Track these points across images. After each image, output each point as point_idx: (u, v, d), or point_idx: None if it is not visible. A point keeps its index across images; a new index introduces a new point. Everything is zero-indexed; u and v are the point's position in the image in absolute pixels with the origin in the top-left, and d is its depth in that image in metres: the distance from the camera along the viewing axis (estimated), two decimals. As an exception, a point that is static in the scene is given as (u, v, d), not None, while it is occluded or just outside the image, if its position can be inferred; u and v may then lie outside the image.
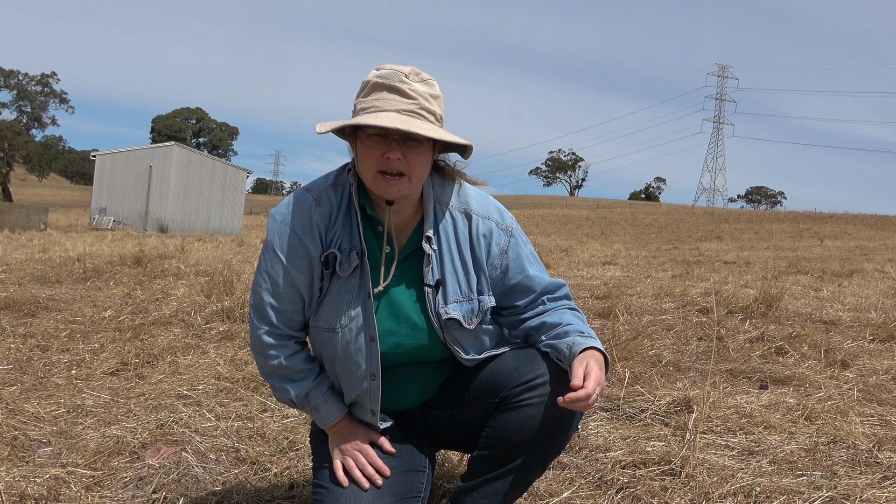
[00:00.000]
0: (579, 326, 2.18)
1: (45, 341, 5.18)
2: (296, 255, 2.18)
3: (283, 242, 2.20)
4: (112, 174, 37.66)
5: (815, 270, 13.46)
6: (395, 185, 2.08)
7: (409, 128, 1.98)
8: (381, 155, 2.05)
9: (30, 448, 3.13)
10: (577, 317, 2.24)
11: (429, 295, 2.21)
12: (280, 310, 2.22)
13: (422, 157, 2.09)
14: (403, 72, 2.07)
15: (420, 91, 2.06)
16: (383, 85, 2.06)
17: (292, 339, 2.26)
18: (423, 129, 2.01)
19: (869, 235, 40.00)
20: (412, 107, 2.05)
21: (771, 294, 7.26)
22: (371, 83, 2.08)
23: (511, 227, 2.30)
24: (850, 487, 2.77)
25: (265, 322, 2.24)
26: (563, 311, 2.25)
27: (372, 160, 2.07)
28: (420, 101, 2.06)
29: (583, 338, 2.12)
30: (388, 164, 2.05)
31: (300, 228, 2.18)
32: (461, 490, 2.21)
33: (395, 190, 2.08)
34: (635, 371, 4.39)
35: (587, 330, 2.18)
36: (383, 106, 2.04)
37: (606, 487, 2.79)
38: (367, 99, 2.07)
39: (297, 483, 2.82)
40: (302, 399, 2.27)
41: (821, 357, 5.06)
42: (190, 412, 3.65)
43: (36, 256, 11.77)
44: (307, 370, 2.26)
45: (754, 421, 3.56)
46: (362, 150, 2.08)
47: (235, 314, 6.14)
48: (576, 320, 2.22)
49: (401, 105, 2.04)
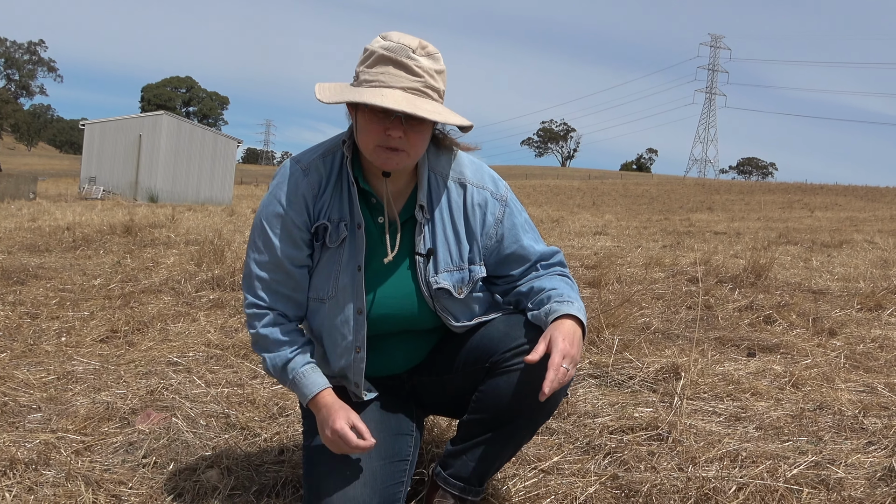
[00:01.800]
0: (562, 290, 2.17)
1: (34, 309, 5.17)
2: (280, 226, 2.18)
3: (270, 213, 2.20)
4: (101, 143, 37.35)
5: (804, 241, 13.51)
6: (393, 158, 2.07)
7: (415, 110, 1.96)
8: (383, 131, 2.03)
9: (20, 414, 3.13)
10: (564, 282, 2.24)
11: (420, 264, 2.21)
12: (265, 280, 2.22)
13: (422, 134, 2.08)
14: (411, 46, 2.02)
15: (426, 67, 2.03)
16: (389, 59, 2.01)
17: (274, 311, 2.24)
18: (429, 111, 1.99)
19: (859, 207, 40.11)
20: (418, 84, 2.01)
21: (760, 264, 7.29)
22: (377, 55, 2.03)
23: (506, 196, 2.29)
24: (836, 452, 2.80)
25: (250, 292, 2.25)
26: (553, 277, 2.25)
27: (373, 135, 2.05)
28: (426, 79, 2.02)
29: (560, 304, 2.11)
30: (388, 141, 2.04)
31: (286, 199, 2.18)
32: (450, 454, 2.23)
33: (393, 163, 2.08)
34: (624, 338, 4.41)
35: (570, 295, 2.16)
36: (389, 82, 2.00)
37: (594, 452, 2.81)
38: (371, 71, 2.03)
39: (286, 448, 2.84)
40: (279, 370, 2.22)
41: (809, 325, 5.09)
42: (180, 379, 3.66)
43: (25, 225, 11.72)
44: (285, 342, 2.22)
45: (741, 388, 3.59)
46: (363, 122, 2.06)
47: (226, 282, 6.14)
48: (562, 285, 2.21)
49: (407, 83, 2.01)
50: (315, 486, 2.16)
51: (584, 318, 2.10)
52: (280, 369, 2.22)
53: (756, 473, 2.55)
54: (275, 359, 2.22)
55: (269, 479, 2.56)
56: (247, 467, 2.65)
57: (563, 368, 1.95)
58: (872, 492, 2.46)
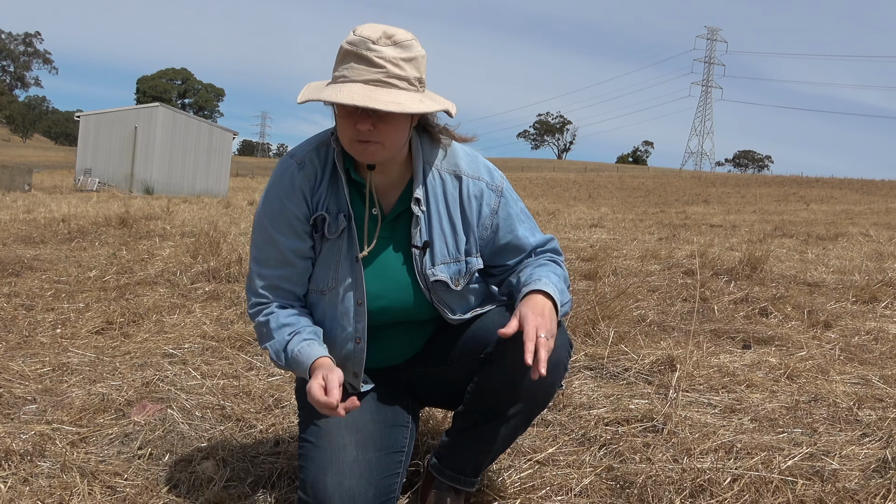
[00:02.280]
0: (539, 274, 2.14)
1: (29, 300, 5.16)
2: (279, 219, 2.19)
3: (270, 210, 2.21)
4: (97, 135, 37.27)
5: (800, 234, 13.52)
6: (368, 149, 2.06)
7: (367, 103, 1.94)
8: (353, 125, 2.03)
9: (15, 405, 3.13)
10: (549, 268, 2.21)
11: (416, 256, 2.21)
12: (269, 277, 2.22)
13: (393, 125, 2.05)
14: (371, 38, 1.99)
15: (389, 56, 1.99)
16: (351, 53, 2.00)
17: (274, 304, 2.25)
18: (386, 101, 1.96)
19: (854, 200, 40.17)
20: (379, 76, 1.99)
21: (756, 256, 7.30)
22: (343, 50, 2.03)
23: (501, 186, 2.28)
24: (830, 444, 2.81)
25: (253, 293, 2.25)
26: (541, 265, 2.23)
27: (345, 129, 2.05)
28: (388, 69, 1.99)
29: (531, 283, 2.09)
30: (359, 135, 2.03)
31: (283, 192, 2.19)
32: (445, 445, 2.23)
33: (368, 154, 2.07)
34: (620, 330, 4.42)
35: (547, 276, 2.13)
36: (351, 76, 1.99)
37: (589, 444, 2.82)
38: (339, 67, 2.03)
39: (282, 439, 2.84)
40: (281, 355, 2.20)
41: (804, 318, 5.10)
42: (175, 370, 3.65)
43: (20, 217, 11.69)
44: (285, 325, 2.21)
45: (736, 380, 3.59)
46: (338, 118, 2.08)
47: (221, 274, 6.13)
48: (543, 270, 2.18)
49: (367, 75, 1.99)
50: (310, 477, 2.16)
51: (555, 293, 2.06)
52: (281, 352, 2.19)
53: (751, 465, 2.56)
54: (275, 344, 2.19)
55: (264, 470, 2.56)
56: (242, 459, 2.65)
57: (542, 338, 1.93)
58: (867, 483, 2.47)
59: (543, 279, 2.11)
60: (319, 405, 1.97)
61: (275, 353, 2.22)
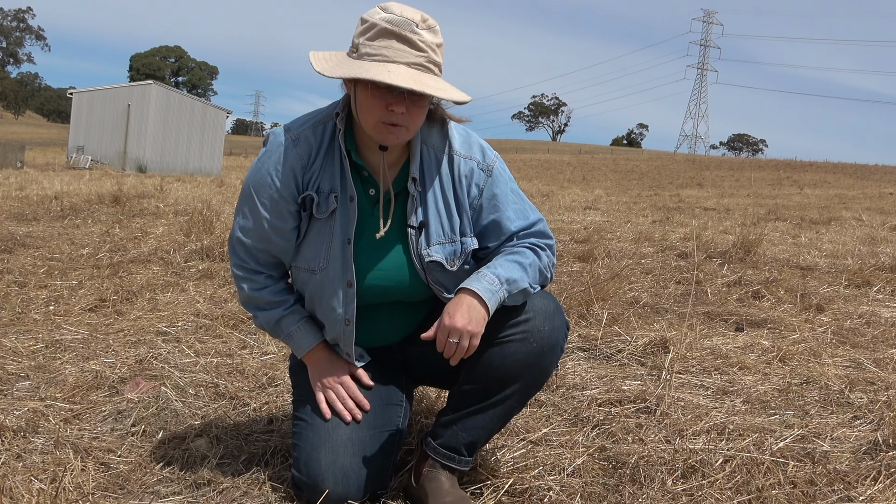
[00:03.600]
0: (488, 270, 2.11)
1: (22, 277, 5.14)
2: (266, 195, 2.19)
3: (257, 181, 2.21)
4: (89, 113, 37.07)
5: (793, 218, 13.56)
6: (394, 134, 2.05)
7: (423, 88, 1.94)
8: (385, 106, 2.01)
9: (8, 382, 3.12)
10: (513, 257, 2.17)
11: (412, 237, 2.21)
12: (248, 246, 2.26)
13: (423, 109, 2.07)
14: (414, 20, 1.98)
15: (429, 42, 2.00)
16: (392, 32, 1.97)
17: (261, 274, 2.30)
18: (435, 87, 1.97)
19: (848, 184, 40.23)
20: (422, 60, 1.98)
21: (749, 240, 7.32)
22: (378, 27, 1.98)
23: (492, 166, 2.26)
24: (821, 426, 2.83)
25: (235, 254, 2.31)
26: (512, 251, 2.20)
27: (375, 110, 2.03)
28: (429, 54, 2.00)
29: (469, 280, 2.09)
30: (391, 117, 2.02)
31: (273, 168, 2.18)
32: (440, 424, 2.23)
33: (393, 138, 2.07)
34: (613, 312, 4.42)
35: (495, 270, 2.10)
36: (393, 57, 1.97)
37: (582, 424, 2.83)
38: (373, 44, 1.99)
39: (275, 417, 2.84)
40: (273, 326, 2.32)
41: (797, 301, 5.12)
42: (169, 348, 3.65)
43: (13, 194, 11.63)
44: (276, 301, 2.30)
45: (729, 362, 3.61)
46: (364, 97, 2.03)
47: (215, 253, 6.11)
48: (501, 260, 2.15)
49: (411, 58, 1.97)
50: (304, 455, 2.17)
51: (484, 293, 2.04)
52: (274, 325, 2.31)
53: (742, 446, 2.57)
54: (268, 316, 2.30)
55: (258, 448, 2.56)
56: (236, 436, 2.66)
57: (451, 343, 2.00)
58: (857, 465, 2.48)
59: (484, 275, 2.08)
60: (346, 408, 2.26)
61: (265, 322, 2.33)
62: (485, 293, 2.04)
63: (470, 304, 2.02)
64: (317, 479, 2.11)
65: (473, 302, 2.03)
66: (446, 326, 2.01)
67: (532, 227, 2.26)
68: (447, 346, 2.02)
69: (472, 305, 2.02)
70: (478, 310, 2.02)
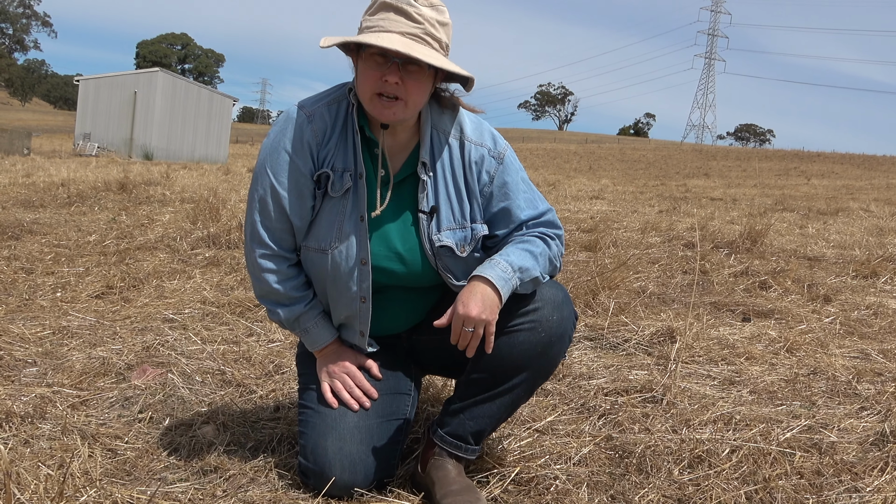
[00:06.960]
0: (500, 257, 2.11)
1: (29, 264, 5.15)
2: (284, 173, 2.17)
3: (273, 160, 2.18)
4: (96, 100, 37.06)
5: (800, 208, 13.52)
6: (390, 108, 2.05)
7: (409, 51, 1.95)
8: (380, 77, 2.02)
9: (15, 368, 3.13)
10: (523, 246, 2.17)
11: (423, 222, 2.20)
12: (271, 229, 2.22)
13: (420, 83, 2.06)
14: None
15: (427, 16, 2.02)
16: (390, 5, 2.01)
17: (286, 262, 2.26)
18: (424, 54, 1.98)
19: (856, 175, 40.09)
20: (417, 31, 2.00)
21: (756, 230, 7.30)
22: (379, 2, 2.04)
23: (503, 153, 2.26)
24: (829, 417, 2.82)
25: (258, 244, 2.24)
26: (522, 239, 2.21)
27: (370, 81, 2.04)
28: (426, 27, 2.01)
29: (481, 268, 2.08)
30: (385, 87, 2.03)
31: (290, 146, 2.16)
32: (447, 412, 2.23)
33: (389, 113, 2.06)
34: (620, 302, 4.42)
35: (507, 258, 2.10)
36: (387, 27, 2.00)
37: (589, 413, 2.82)
38: (373, 17, 2.03)
39: (282, 405, 2.85)
40: (292, 322, 2.30)
41: (804, 292, 5.10)
42: (176, 335, 3.65)
43: (19, 181, 11.65)
44: (299, 297, 2.28)
45: (736, 352, 3.60)
46: (362, 68, 2.06)
47: (221, 240, 6.12)
48: (513, 248, 2.15)
49: (406, 28, 2.00)
50: (311, 443, 2.17)
51: (497, 280, 2.04)
52: (293, 321, 2.30)
53: (749, 437, 2.56)
54: (289, 312, 2.28)
55: (264, 435, 2.56)
56: (242, 424, 2.66)
57: (466, 331, 2.01)
58: (864, 456, 2.48)
59: (497, 263, 2.08)
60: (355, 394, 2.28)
61: (285, 319, 2.30)
62: (498, 280, 2.03)
63: (483, 292, 2.02)
64: (324, 466, 2.11)
65: (487, 289, 2.03)
66: (461, 315, 2.00)
67: (542, 216, 2.26)
68: (462, 335, 2.01)
69: (486, 293, 2.02)
70: (491, 297, 2.02)
